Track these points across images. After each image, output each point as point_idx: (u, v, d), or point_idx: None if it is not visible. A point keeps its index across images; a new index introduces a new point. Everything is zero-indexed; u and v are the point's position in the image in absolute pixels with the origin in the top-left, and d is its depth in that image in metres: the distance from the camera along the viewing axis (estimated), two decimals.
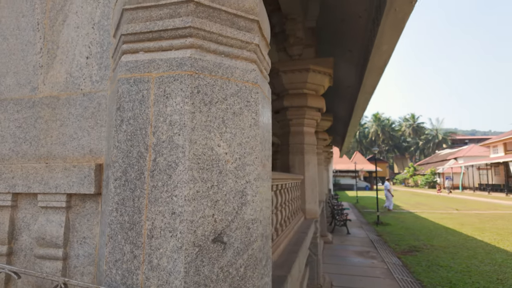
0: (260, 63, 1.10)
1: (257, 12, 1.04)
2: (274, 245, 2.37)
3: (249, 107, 0.99)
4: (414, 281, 5.05)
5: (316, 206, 4.64)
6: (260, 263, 1.00)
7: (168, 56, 0.91)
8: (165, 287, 0.83)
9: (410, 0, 2.81)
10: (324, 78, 4.65)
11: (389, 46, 3.72)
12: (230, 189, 0.92)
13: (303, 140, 4.63)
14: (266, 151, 1.12)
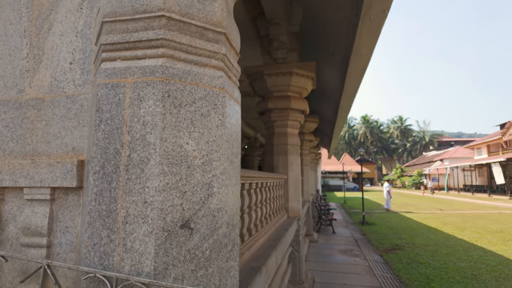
0: (228, 70, 1.23)
1: (225, 25, 1.17)
2: (253, 239, 2.50)
3: (216, 110, 1.11)
4: (393, 277, 5.25)
5: (299, 205, 4.78)
6: (226, 247, 1.13)
7: (142, 64, 1.03)
8: (137, 267, 0.95)
9: (383, 9, 2.99)
10: (307, 81, 4.80)
11: (367, 50, 3.91)
12: (198, 182, 1.05)
13: (287, 141, 4.77)
14: (234, 149, 1.25)
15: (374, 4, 2.90)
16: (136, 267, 0.95)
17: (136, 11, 1.05)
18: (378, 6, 2.92)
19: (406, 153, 60.17)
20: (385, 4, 2.90)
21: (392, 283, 4.90)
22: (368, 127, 60.32)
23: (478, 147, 36.52)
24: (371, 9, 2.97)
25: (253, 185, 2.58)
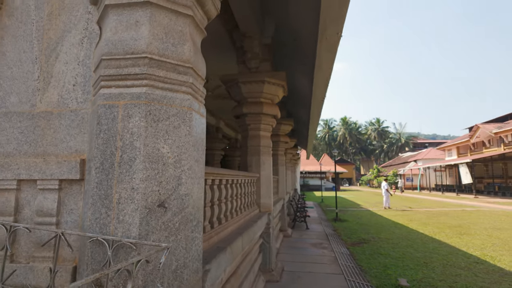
0: (195, 93, 1.67)
1: (192, 61, 1.61)
2: (222, 227, 2.93)
3: (185, 123, 1.55)
4: (355, 266, 5.82)
5: (270, 201, 5.25)
6: (191, 222, 1.56)
7: (131, 91, 1.45)
8: (127, 233, 1.37)
9: (337, 32, 3.51)
10: (278, 89, 5.28)
11: (327, 65, 4.44)
12: (170, 175, 1.48)
13: (260, 143, 5.23)
14: (199, 151, 1.69)
15: (328, 27, 3.41)
16: (126, 233, 1.37)
17: (126, 52, 1.47)
18: (332, 29, 3.44)
19: (383, 154, 62.40)
20: (338, 28, 3.42)
21: (353, 270, 5.47)
22: (347, 129, 62.07)
23: (449, 148, 38.57)
24: (326, 31, 3.48)
25: (223, 181, 3.01)
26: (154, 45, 1.49)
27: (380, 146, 62.40)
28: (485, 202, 20.72)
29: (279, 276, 4.95)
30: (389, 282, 4.92)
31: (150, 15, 1.51)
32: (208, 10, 1.82)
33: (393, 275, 5.23)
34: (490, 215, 13.51)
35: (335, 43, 3.76)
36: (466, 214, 14.15)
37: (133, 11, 1.52)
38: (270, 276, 4.82)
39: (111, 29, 1.52)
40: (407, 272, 5.41)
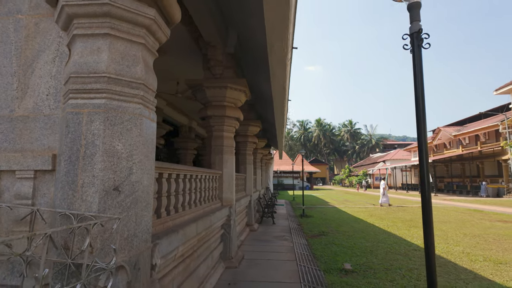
0: (146, 103, 2.14)
1: (143, 79, 2.08)
2: (178, 215, 3.39)
3: (136, 126, 2.02)
4: (309, 254, 6.46)
5: (232, 196, 5.75)
6: (141, 203, 2.04)
7: (93, 102, 1.91)
8: (88, 209, 1.82)
9: (282, 48, 4.07)
10: (240, 94, 5.80)
11: (280, 75, 5.01)
12: (124, 166, 1.94)
13: (223, 143, 5.72)
14: (149, 148, 2.16)
15: (275, 43, 3.96)
16: (88, 209, 1.82)
17: (90, 72, 1.92)
18: (278, 45, 3.99)
19: (355, 155, 64.84)
20: (283, 45, 3.97)
21: (306, 258, 6.09)
22: (321, 130, 63.94)
23: (414, 150, 40.85)
24: (273, 46, 4.03)
25: (180, 176, 3.47)
26: (112, 67, 1.95)
27: (353, 147, 64.83)
28: (443, 199, 22.38)
29: (238, 263, 5.46)
30: (335, 266, 5.57)
31: (109, 44, 1.97)
32: (159, 37, 2.30)
33: (340, 261, 5.89)
34: (442, 211, 14.78)
35: (283, 57, 4.32)
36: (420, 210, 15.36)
37: (96, 40, 1.97)
38: (230, 263, 5.32)
39: (78, 53, 1.96)
40: (353, 259, 6.11)
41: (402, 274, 5.10)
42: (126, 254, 1.91)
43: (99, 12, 1.94)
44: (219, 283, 4.51)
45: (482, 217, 12.26)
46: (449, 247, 7.07)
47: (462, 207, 16.66)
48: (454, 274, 5.11)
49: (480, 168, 29.01)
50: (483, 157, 28.04)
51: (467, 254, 6.41)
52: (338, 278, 4.94)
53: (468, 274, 5.10)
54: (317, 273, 5.18)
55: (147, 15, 2.07)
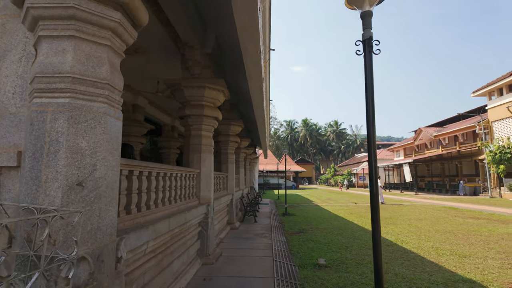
0: (111, 102, 2.23)
1: (109, 79, 2.17)
2: (151, 212, 3.48)
3: (100, 125, 2.11)
4: (286, 250, 6.64)
5: (210, 194, 5.85)
6: (105, 198, 2.13)
7: (57, 101, 1.99)
8: (51, 203, 1.90)
9: (256, 50, 4.21)
10: (219, 94, 5.90)
11: (256, 76, 5.15)
12: (87, 162, 2.03)
13: (201, 141, 5.81)
14: (114, 145, 2.25)
15: (248, 47, 4.10)
16: (51, 203, 1.91)
17: (55, 72, 2.00)
18: (252, 48, 4.13)
19: (340, 155, 65.86)
20: (256, 48, 4.12)
21: (283, 254, 6.26)
22: (308, 130, 64.63)
23: (397, 150, 41.87)
24: (247, 49, 4.17)
25: (153, 173, 3.55)
26: (76, 67, 2.03)
27: (338, 147, 65.85)
28: (422, 198, 23.10)
29: (215, 259, 5.57)
30: (310, 261, 5.76)
31: (74, 45, 2.05)
32: (126, 39, 2.39)
33: (315, 257, 6.09)
34: (420, 209, 15.30)
35: (257, 59, 4.46)
36: (400, 208, 15.87)
37: (61, 41, 2.05)
38: (207, 259, 5.43)
39: (43, 54, 2.03)
40: (328, 254, 6.32)
41: (371, 268, 5.31)
42: (89, 246, 2.00)
43: (64, 15, 2.02)
44: (194, 279, 4.61)
45: (456, 215, 12.78)
46: (420, 243, 7.39)
47: (439, 205, 17.27)
48: (421, 267, 5.37)
49: (459, 168, 30.05)
50: (461, 157, 29.06)
51: (436, 249, 6.72)
52: (311, 272, 5.13)
53: (434, 267, 5.37)
54: (291, 268, 5.35)
55: (112, 18, 2.17)
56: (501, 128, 24.38)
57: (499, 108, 24.33)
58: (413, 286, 4.43)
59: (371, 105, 2.33)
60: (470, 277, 4.83)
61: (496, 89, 24.85)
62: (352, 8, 2.45)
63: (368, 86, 2.34)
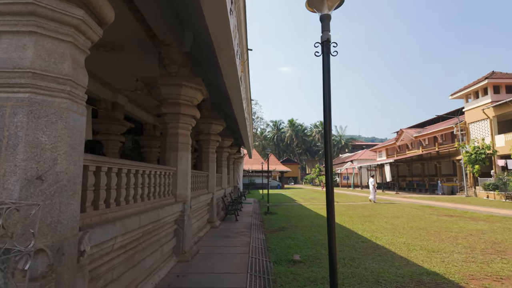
0: (74, 98, 2.26)
1: (71, 75, 2.21)
2: (120, 208, 3.50)
3: (62, 120, 2.14)
4: (264, 247, 6.75)
5: (186, 192, 5.89)
6: (66, 192, 2.16)
7: (17, 96, 2.01)
8: (9, 197, 1.93)
9: (229, 50, 4.30)
10: (196, 93, 5.94)
11: (232, 75, 5.24)
12: (48, 157, 2.06)
13: (178, 140, 5.84)
14: (76, 140, 2.29)
15: (222, 47, 4.18)
16: (9, 197, 1.93)
17: (15, 67, 2.03)
18: (226, 48, 4.22)
19: None
20: (229, 48, 4.20)
21: (260, 251, 6.36)
22: (294, 130, 65.18)
23: (379, 150, 42.80)
24: (221, 50, 4.25)
25: (123, 170, 3.58)
26: (37, 63, 2.06)
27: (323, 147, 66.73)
28: (402, 197, 23.73)
29: (191, 257, 5.62)
30: (285, 257, 5.88)
31: (35, 41, 2.08)
32: (90, 36, 2.43)
33: (291, 253, 6.22)
34: (398, 207, 15.74)
35: (232, 59, 4.55)
36: (379, 206, 16.28)
37: (22, 37, 2.07)
38: (183, 257, 5.47)
39: (3, 48, 2.05)
40: (304, 250, 6.46)
41: (344, 263, 5.50)
42: (49, 239, 2.03)
43: (24, 11, 2.04)
44: (168, 275, 4.65)
45: (432, 213, 13.23)
46: (394, 239, 7.65)
47: (418, 203, 17.81)
48: (390, 261, 5.59)
49: (438, 168, 31.02)
50: (440, 157, 30.00)
51: (407, 245, 6.98)
52: (285, 268, 5.24)
53: (402, 261, 5.60)
54: (266, 264, 5.46)
55: (74, 15, 2.20)
56: (476, 129, 25.34)
57: (475, 111, 25.28)
58: (380, 279, 4.62)
59: (328, 105, 2.46)
60: (434, 270, 5.07)
61: (472, 92, 25.81)
62: (312, 11, 2.57)
63: (325, 86, 2.46)
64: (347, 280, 4.59)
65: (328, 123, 2.50)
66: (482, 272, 4.97)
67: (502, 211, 13.68)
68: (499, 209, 14.30)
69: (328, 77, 2.47)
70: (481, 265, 5.33)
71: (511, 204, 16.85)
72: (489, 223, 10.03)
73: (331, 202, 2.62)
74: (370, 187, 19.12)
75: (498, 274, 4.84)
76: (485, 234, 8.14)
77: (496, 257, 5.83)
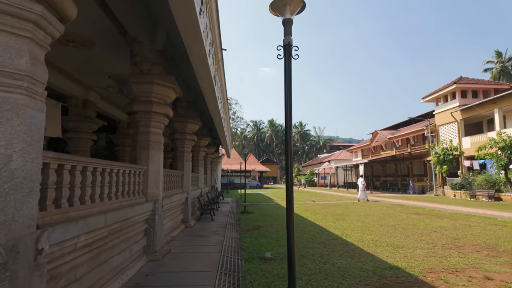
0: (32, 94, 2.23)
1: (29, 70, 2.17)
2: (85, 207, 3.44)
3: (18, 116, 2.11)
4: (237, 246, 6.81)
5: (158, 191, 5.84)
6: (22, 190, 2.13)
7: None
8: None
9: (200, 49, 4.32)
10: (169, 91, 5.91)
11: (205, 74, 5.26)
12: (2, 153, 2.02)
13: (149, 138, 5.78)
14: (34, 137, 2.25)
15: (192, 45, 4.20)
16: None
17: None
18: (196, 47, 4.24)
19: (304, 155, 67.77)
20: (200, 47, 4.23)
21: (232, 249, 6.42)
22: (274, 131, 65.70)
23: (355, 151, 43.99)
24: (191, 48, 4.27)
25: (89, 168, 3.53)
26: None
27: (303, 147, 67.69)
28: (376, 196, 24.53)
29: (162, 256, 5.58)
30: (257, 255, 5.97)
31: None
32: (51, 32, 2.40)
33: (263, 251, 6.32)
34: (371, 206, 16.29)
35: (203, 58, 4.57)
36: (353, 205, 16.78)
37: None
38: (153, 256, 5.42)
39: None
40: (276, 248, 6.58)
41: (314, 260, 5.67)
42: (2, 237, 2.00)
43: None
44: (137, 275, 4.61)
45: (402, 211, 13.80)
46: (363, 236, 7.94)
47: (389, 202, 18.50)
48: (357, 257, 5.81)
49: (410, 168, 32.31)
50: (412, 158, 31.27)
51: (375, 241, 7.28)
52: (256, 265, 5.33)
53: (368, 257, 5.84)
54: (237, 262, 5.52)
55: (33, 10, 2.17)
56: (446, 131, 26.64)
57: (444, 114, 26.57)
58: (346, 274, 4.80)
59: (289, 106, 2.56)
60: (397, 264, 5.33)
61: (442, 96, 27.11)
62: (275, 14, 2.66)
63: (287, 87, 2.57)
64: (314, 275, 4.74)
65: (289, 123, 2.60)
66: (440, 265, 5.29)
67: (465, 209, 14.49)
68: (463, 207, 15.14)
69: (289, 78, 2.57)
70: (440, 259, 5.66)
71: (475, 203, 17.87)
72: (452, 221, 10.61)
73: (290, 199, 2.72)
74: (360, 186, 19.67)
75: (454, 267, 5.17)
76: (447, 231, 8.61)
77: (454, 252, 6.21)
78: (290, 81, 2.57)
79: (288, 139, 2.65)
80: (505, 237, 7.58)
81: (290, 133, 2.65)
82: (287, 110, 2.58)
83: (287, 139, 2.66)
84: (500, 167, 18.10)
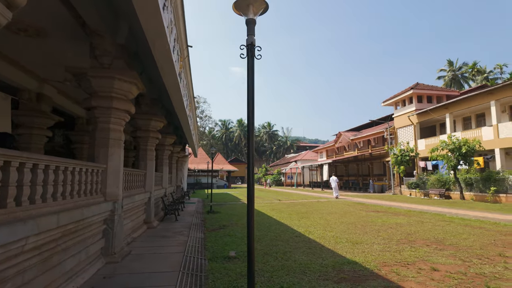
0: None
1: None
2: (36, 207, 3.23)
3: None
4: (201, 246, 6.75)
5: (118, 191, 5.61)
6: None
7: None
8: None
9: (164, 45, 4.24)
10: (131, 86, 5.71)
11: (169, 71, 5.16)
12: None
13: (109, 135, 5.54)
14: None
15: (156, 41, 4.10)
16: None
17: None
18: (160, 43, 4.15)
19: (272, 155, 68.66)
20: (164, 42, 4.15)
21: (196, 249, 6.35)
22: (242, 130, 65.76)
23: (321, 151, 45.39)
24: (155, 44, 4.17)
25: (40, 166, 3.31)
26: None
27: (271, 147, 68.54)
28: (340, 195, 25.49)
29: (122, 258, 5.38)
30: (221, 255, 5.96)
31: None
32: None
33: (228, 250, 6.33)
34: (333, 204, 16.91)
35: (167, 54, 4.49)
36: (317, 204, 17.32)
37: None
38: (112, 258, 5.21)
39: None
40: (240, 247, 6.62)
41: (276, 257, 5.78)
42: None
43: None
44: (93, 277, 4.41)
45: (362, 209, 14.49)
46: (325, 233, 8.24)
47: (351, 201, 19.34)
48: (318, 253, 6.02)
49: (370, 168, 33.99)
50: (372, 159, 32.92)
51: (335, 238, 7.58)
52: (220, 264, 5.33)
53: (329, 253, 6.07)
54: (201, 262, 5.48)
55: None
56: (403, 134, 28.38)
57: (402, 117, 28.30)
58: (307, 270, 4.96)
59: (251, 105, 2.60)
60: (355, 259, 5.60)
61: (400, 100, 28.84)
62: (239, 14, 2.69)
63: (249, 87, 2.60)
64: (276, 272, 4.84)
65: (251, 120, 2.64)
66: (393, 259, 5.64)
67: (419, 206, 15.56)
68: (417, 205, 16.24)
69: (252, 78, 2.61)
70: (394, 254, 6.03)
71: (428, 201, 19.25)
72: (407, 217, 11.33)
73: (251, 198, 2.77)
74: (333, 184, 20.24)
75: (406, 261, 5.54)
76: (402, 227, 9.19)
77: (407, 246, 6.65)
78: (253, 81, 2.61)
79: (250, 137, 2.69)
80: (452, 232, 8.26)
81: (252, 132, 2.69)
82: (249, 109, 2.62)
83: (249, 137, 2.70)
84: (450, 167, 19.64)
